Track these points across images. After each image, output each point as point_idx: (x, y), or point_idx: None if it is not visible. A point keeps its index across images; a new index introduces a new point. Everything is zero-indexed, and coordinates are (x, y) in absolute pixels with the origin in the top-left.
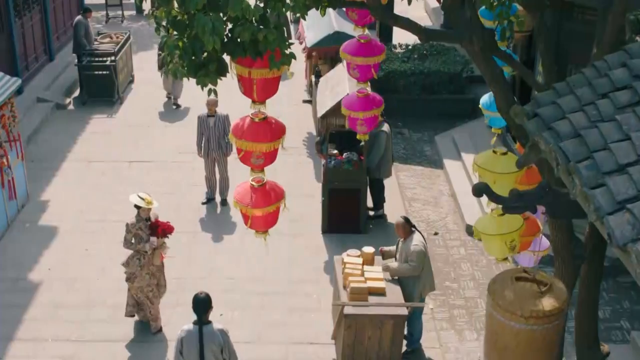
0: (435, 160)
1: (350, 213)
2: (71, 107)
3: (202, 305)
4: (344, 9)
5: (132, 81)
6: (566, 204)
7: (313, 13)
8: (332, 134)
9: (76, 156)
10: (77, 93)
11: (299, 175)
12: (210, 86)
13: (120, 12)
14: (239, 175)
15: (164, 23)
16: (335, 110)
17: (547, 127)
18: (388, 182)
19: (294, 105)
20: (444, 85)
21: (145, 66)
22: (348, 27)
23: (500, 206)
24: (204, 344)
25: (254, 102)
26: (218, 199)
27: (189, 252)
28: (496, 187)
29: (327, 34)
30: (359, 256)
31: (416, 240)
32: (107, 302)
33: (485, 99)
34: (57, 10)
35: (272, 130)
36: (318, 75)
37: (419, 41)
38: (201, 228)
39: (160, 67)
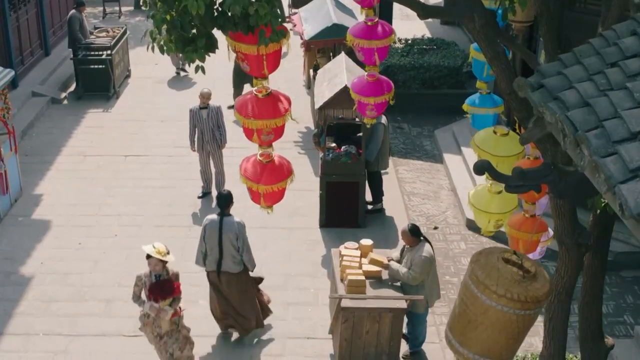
0: (435, 155)
1: (348, 206)
2: (66, 101)
3: (224, 200)
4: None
5: (128, 76)
6: (572, 183)
7: (311, 6)
8: (330, 127)
9: (71, 150)
10: (72, 88)
11: (296, 169)
12: (198, 62)
13: (117, 8)
14: (235, 169)
15: None
16: (334, 101)
17: (553, 97)
18: (387, 177)
19: (293, 100)
20: (443, 79)
21: (142, 61)
22: (347, 20)
23: (499, 184)
24: (222, 231)
25: (257, 78)
26: (214, 193)
27: (184, 247)
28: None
29: (326, 26)
30: (356, 248)
31: (424, 250)
32: (99, 296)
33: (472, 98)
34: (53, 5)
35: (280, 104)
36: (316, 70)
37: (418, 36)
38: (196, 222)
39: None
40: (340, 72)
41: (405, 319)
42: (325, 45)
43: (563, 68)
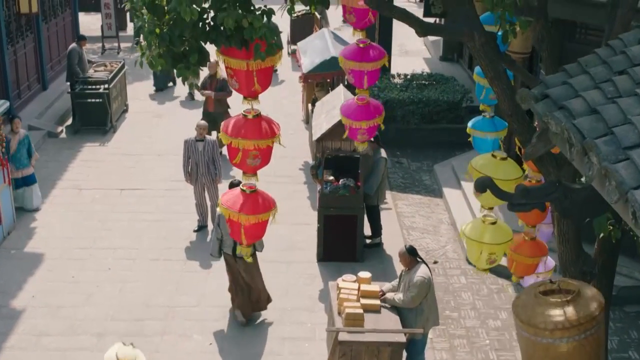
0: (435, 189)
1: (346, 240)
2: (63, 135)
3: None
4: (342, 21)
5: (126, 110)
6: (578, 201)
7: (309, 39)
8: (328, 159)
9: (66, 184)
10: (69, 122)
11: (294, 203)
12: (190, 79)
13: (116, 44)
14: None
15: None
16: (331, 133)
17: (558, 107)
18: (386, 211)
19: (290, 135)
20: (443, 114)
21: (140, 96)
22: None
23: (492, 214)
24: None
25: (246, 98)
26: (210, 226)
27: (179, 280)
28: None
29: (324, 59)
30: (354, 281)
31: (420, 271)
32: (91, 330)
33: (474, 120)
34: (51, 40)
35: (268, 126)
36: (315, 104)
37: (417, 72)
38: (192, 256)
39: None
40: (338, 104)
41: (404, 352)
42: (323, 79)
43: (568, 78)
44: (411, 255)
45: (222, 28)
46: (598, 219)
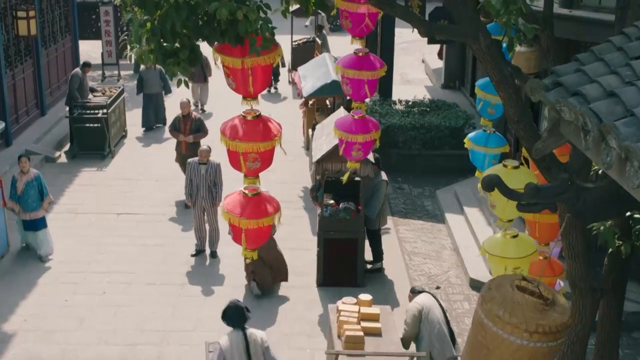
0: (437, 215)
1: (347, 264)
2: (61, 160)
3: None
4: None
5: (124, 136)
6: (591, 201)
7: (310, 64)
8: (328, 183)
9: (62, 208)
10: (67, 147)
11: (294, 228)
12: (180, 76)
13: (116, 72)
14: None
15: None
16: (331, 154)
17: (572, 94)
18: (387, 236)
19: (290, 161)
20: (445, 140)
21: (139, 122)
22: None
23: (513, 229)
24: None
25: (245, 98)
26: (208, 251)
27: (175, 305)
28: (508, 206)
29: (325, 82)
30: (355, 304)
31: (414, 301)
32: (84, 355)
33: (474, 133)
34: (50, 65)
35: (268, 128)
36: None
37: (419, 97)
38: (189, 280)
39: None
40: None
41: None
42: (324, 106)
43: (580, 66)
44: (411, 293)
45: (215, 24)
46: (603, 231)
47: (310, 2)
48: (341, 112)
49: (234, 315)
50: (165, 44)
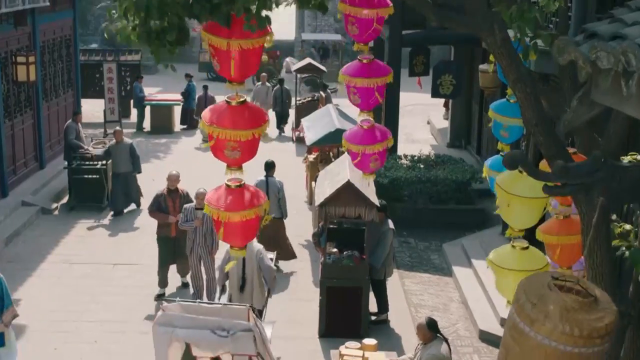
0: (444, 268)
1: (350, 314)
2: (57, 212)
3: (269, 166)
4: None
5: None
6: (628, 182)
7: (314, 116)
8: (331, 231)
9: (57, 258)
10: (65, 199)
11: (296, 279)
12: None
13: (118, 128)
14: None
15: None
16: (335, 198)
17: (609, 40)
18: (392, 288)
19: (293, 214)
20: (451, 194)
21: (139, 177)
22: (350, 127)
23: (523, 240)
24: (269, 188)
25: (230, 82)
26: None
27: None
28: (523, 213)
29: (329, 131)
30: (359, 348)
31: (435, 348)
32: None
33: (492, 159)
34: (51, 119)
35: (251, 116)
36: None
37: (425, 152)
38: None
39: None
40: (342, 171)
41: None
42: (327, 158)
43: (614, 21)
44: (430, 330)
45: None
46: (631, 254)
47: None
48: (345, 158)
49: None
50: (151, 22)
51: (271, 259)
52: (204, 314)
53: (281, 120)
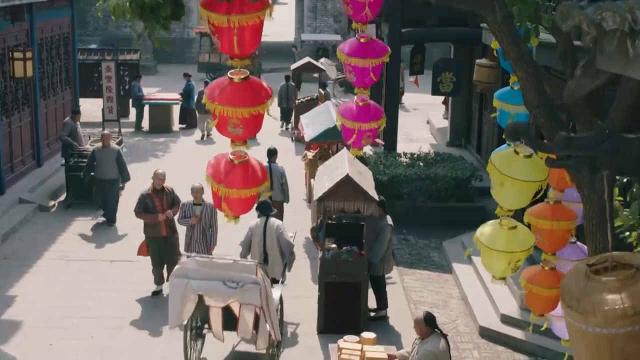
0: (443, 266)
1: (349, 310)
2: (55, 209)
3: (271, 152)
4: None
5: (122, 188)
6: (634, 154)
7: (313, 113)
8: (330, 226)
9: (53, 254)
10: (63, 197)
11: (294, 276)
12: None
13: (117, 129)
14: None
15: None
16: (334, 192)
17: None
18: (391, 285)
19: (292, 212)
20: (451, 191)
21: (138, 175)
22: None
23: (511, 219)
24: (272, 174)
25: (232, 58)
26: None
27: (165, 349)
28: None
29: (328, 127)
30: (358, 342)
31: (432, 344)
32: None
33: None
34: (49, 117)
35: (254, 92)
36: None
37: (424, 150)
38: (179, 327)
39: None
40: (341, 165)
41: None
42: (326, 155)
43: None
44: (427, 325)
45: None
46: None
47: None
48: (344, 153)
49: (263, 207)
50: None
51: (291, 236)
52: (216, 268)
53: (286, 117)
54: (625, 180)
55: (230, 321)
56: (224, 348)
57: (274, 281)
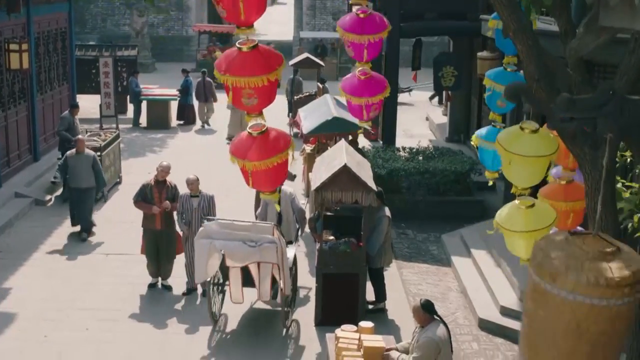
0: (442, 259)
1: (347, 302)
2: (51, 203)
3: None
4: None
5: (119, 182)
6: (638, 116)
7: (310, 106)
8: (328, 218)
9: (49, 248)
10: (59, 192)
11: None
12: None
13: (114, 125)
14: None
15: None
16: (331, 183)
17: None
18: (390, 278)
19: None
20: (450, 185)
21: (135, 171)
22: (347, 115)
23: (528, 197)
24: None
25: (239, 27)
26: (200, 289)
27: (162, 343)
28: (520, 169)
29: (325, 119)
30: (355, 331)
31: (431, 331)
32: None
33: (483, 130)
34: (46, 111)
35: (263, 61)
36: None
37: (423, 145)
38: (178, 319)
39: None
40: (339, 156)
41: None
42: (325, 148)
43: None
44: (426, 312)
45: None
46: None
47: None
48: (342, 144)
49: None
50: None
51: (303, 204)
52: (237, 229)
53: (292, 110)
54: (628, 161)
55: (249, 279)
56: (242, 305)
57: (289, 242)
